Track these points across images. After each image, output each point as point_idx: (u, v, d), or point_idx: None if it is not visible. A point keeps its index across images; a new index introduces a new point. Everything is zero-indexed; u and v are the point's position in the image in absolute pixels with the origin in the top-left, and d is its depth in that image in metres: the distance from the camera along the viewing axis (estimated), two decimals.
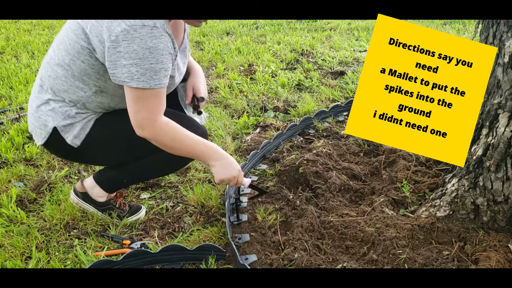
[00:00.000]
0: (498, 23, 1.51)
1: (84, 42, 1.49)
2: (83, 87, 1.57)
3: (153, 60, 1.43)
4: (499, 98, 1.51)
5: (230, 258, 1.66)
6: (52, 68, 1.58)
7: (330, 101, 3.17)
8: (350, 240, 1.69)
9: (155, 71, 1.45)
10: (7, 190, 2.10)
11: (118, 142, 1.67)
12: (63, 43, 1.55)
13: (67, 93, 1.58)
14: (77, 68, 1.53)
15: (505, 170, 1.54)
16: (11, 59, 4.05)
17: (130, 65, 1.42)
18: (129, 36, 1.39)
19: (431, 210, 1.76)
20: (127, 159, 1.75)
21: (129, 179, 1.83)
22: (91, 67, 1.52)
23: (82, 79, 1.55)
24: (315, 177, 2.06)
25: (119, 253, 1.67)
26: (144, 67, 1.42)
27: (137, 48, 1.40)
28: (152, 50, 1.42)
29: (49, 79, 1.60)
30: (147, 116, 1.50)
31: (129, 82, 1.44)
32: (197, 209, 1.97)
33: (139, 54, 1.41)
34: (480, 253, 1.55)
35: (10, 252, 1.70)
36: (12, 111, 2.99)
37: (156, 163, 1.75)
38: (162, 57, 1.45)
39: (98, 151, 1.70)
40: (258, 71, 3.78)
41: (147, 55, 1.42)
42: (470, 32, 5.01)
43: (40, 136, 1.66)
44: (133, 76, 1.43)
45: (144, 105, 1.48)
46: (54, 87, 1.59)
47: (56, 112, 1.61)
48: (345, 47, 4.49)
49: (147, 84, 1.45)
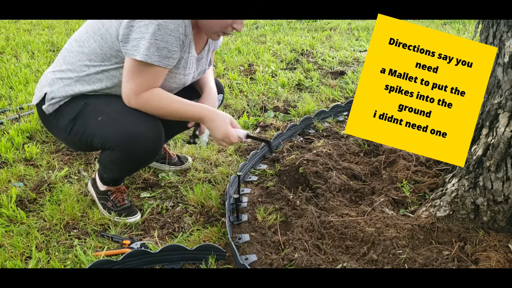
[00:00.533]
0: (498, 23, 1.51)
1: (100, 24, 1.62)
2: (88, 64, 1.67)
3: (159, 37, 1.51)
4: (499, 98, 1.51)
5: (230, 258, 1.66)
6: (70, 42, 1.74)
7: (330, 101, 3.17)
8: (350, 240, 1.69)
9: (157, 48, 1.52)
10: (7, 190, 2.10)
11: (76, 125, 1.71)
12: (86, 23, 1.72)
13: (73, 65, 1.69)
14: (89, 46, 1.65)
15: (505, 170, 1.54)
16: (11, 59, 4.05)
17: (139, 38, 1.51)
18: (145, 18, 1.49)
19: (431, 210, 1.76)
20: (82, 146, 1.78)
21: (107, 173, 1.87)
22: (100, 48, 1.63)
23: (90, 57, 1.66)
24: (315, 177, 2.06)
25: (119, 253, 1.67)
26: (149, 41, 1.50)
27: (148, 23, 1.49)
28: (161, 27, 1.50)
29: (65, 50, 1.74)
30: (134, 88, 1.58)
31: (131, 53, 1.53)
32: (197, 209, 1.97)
33: (149, 28, 1.49)
34: (480, 253, 1.55)
35: (10, 252, 1.70)
36: (12, 111, 2.99)
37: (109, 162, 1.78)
38: (169, 37, 1.53)
39: (61, 126, 1.75)
40: (258, 71, 3.78)
41: (155, 30, 1.49)
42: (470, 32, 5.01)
43: (35, 96, 1.80)
44: (137, 48, 1.51)
45: (134, 77, 1.57)
46: (66, 58, 1.72)
47: (55, 81, 1.72)
48: (345, 47, 4.49)
49: (149, 59, 1.52)
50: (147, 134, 1.65)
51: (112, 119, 1.66)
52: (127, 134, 1.63)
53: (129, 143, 1.64)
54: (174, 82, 1.73)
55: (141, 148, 1.66)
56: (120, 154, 1.68)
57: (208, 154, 2.40)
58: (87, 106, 1.69)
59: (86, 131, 1.69)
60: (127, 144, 1.64)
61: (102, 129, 1.67)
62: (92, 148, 1.76)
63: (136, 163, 1.79)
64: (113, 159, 1.73)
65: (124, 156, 1.68)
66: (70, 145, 1.88)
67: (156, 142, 1.70)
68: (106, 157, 1.76)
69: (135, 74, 1.56)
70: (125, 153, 1.67)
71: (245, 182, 2.16)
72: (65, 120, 1.72)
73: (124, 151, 1.67)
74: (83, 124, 1.69)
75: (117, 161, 1.73)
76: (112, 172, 1.87)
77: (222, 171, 2.23)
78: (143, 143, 1.66)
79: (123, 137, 1.64)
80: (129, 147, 1.65)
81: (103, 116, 1.67)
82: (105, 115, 1.67)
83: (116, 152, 1.68)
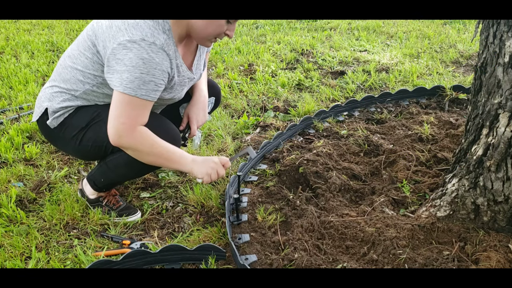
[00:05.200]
0: (498, 23, 1.51)
1: (90, 43, 1.60)
2: (82, 80, 1.67)
3: (145, 71, 1.50)
4: (499, 98, 1.51)
5: (230, 258, 1.66)
6: (64, 58, 1.74)
7: (330, 101, 3.16)
8: (350, 240, 1.69)
9: (143, 81, 1.51)
10: (7, 190, 2.10)
11: (89, 132, 1.71)
12: (78, 39, 1.70)
13: (69, 82, 1.70)
14: (81, 63, 1.65)
15: (506, 170, 1.54)
16: (10, 59, 4.05)
17: (123, 71, 1.49)
18: (128, 46, 1.48)
19: (431, 210, 1.76)
20: (94, 153, 1.77)
21: (106, 177, 1.84)
22: (92, 65, 1.63)
23: (83, 73, 1.66)
24: (315, 177, 2.06)
25: (119, 253, 1.67)
26: (134, 75, 1.49)
27: (132, 56, 1.48)
28: (145, 61, 1.49)
29: (59, 66, 1.75)
30: (128, 122, 1.55)
31: (118, 86, 1.51)
32: (197, 209, 1.97)
33: (132, 62, 1.48)
34: (480, 253, 1.55)
35: (10, 252, 1.70)
36: (12, 111, 2.99)
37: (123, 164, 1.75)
38: (154, 70, 1.52)
39: (69, 136, 1.75)
40: (258, 71, 3.77)
41: (140, 65, 1.48)
42: (470, 32, 5.01)
43: (35, 113, 1.81)
44: (122, 82, 1.50)
45: (125, 111, 1.54)
46: (61, 74, 1.73)
47: (55, 96, 1.73)
48: (345, 47, 4.49)
49: (133, 92, 1.51)
50: (167, 135, 1.67)
51: None
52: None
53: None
54: (169, 100, 1.76)
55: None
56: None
57: (208, 154, 2.39)
58: (99, 114, 1.70)
59: (101, 135, 1.67)
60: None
61: None
62: (106, 152, 1.74)
63: (150, 165, 1.78)
64: (128, 160, 1.69)
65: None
66: (79, 154, 1.85)
67: (173, 142, 1.70)
68: (120, 158, 1.72)
69: (124, 108, 1.53)
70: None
71: (245, 182, 2.16)
72: (74, 130, 1.72)
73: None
74: (97, 130, 1.69)
75: (133, 161, 1.69)
76: (117, 175, 1.83)
77: None
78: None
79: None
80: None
81: None
82: None
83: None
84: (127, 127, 1.55)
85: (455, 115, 2.76)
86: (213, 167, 1.70)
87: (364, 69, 3.81)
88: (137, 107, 1.54)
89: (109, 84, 1.56)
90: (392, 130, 2.58)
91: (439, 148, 2.27)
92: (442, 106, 2.94)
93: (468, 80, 3.40)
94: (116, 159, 1.75)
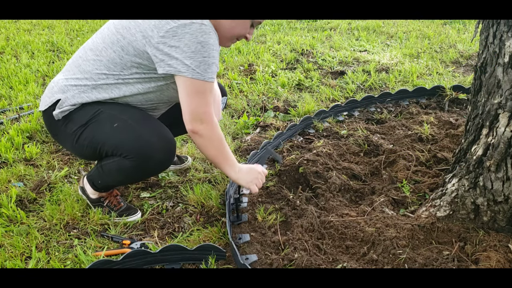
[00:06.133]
0: (498, 23, 1.51)
1: (120, 36, 1.58)
2: (106, 73, 1.64)
3: (206, 54, 1.51)
4: (499, 98, 1.51)
5: (230, 258, 1.66)
6: (85, 51, 1.70)
7: (330, 101, 3.16)
8: (350, 240, 1.69)
9: (208, 64, 1.52)
10: (7, 190, 2.10)
11: (86, 131, 1.68)
12: (101, 33, 1.67)
13: (90, 74, 1.66)
14: (106, 55, 1.62)
15: (505, 170, 1.54)
16: (11, 59, 4.05)
17: (184, 58, 1.49)
18: (179, 32, 1.47)
19: (431, 210, 1.76)
20: (89, 153, 1.75)
21: (102, 180, 1.83)
22: (120, 58, 1.60)
23: (108, 67, 1.63)
24: (315, 177, 2.06)
25: (119, 253, 1.67)
26: (198, 60, 1.50)
27: (188, 42, 1.47)
28: (203, 44, 1.49)
29: (79, 59, 1.70)
30: (208, 111, 1.58)
31: (185, 72, 1.50)
32: (197, 209, 1.97)
33: (191, 47, 1.48)
34: (480, 253, 1.55)
35: (10, 252, 1.70)
36: (12, 111, 2.99)
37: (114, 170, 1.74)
38: (213, 51, 1.53)
39: (69, 132, 1.71)
40: (258, 71, 3.77)
41: (199, 49, 1.49)
42: (470, 32, 5.01)
43: (44, 102, 1.74)
44: (188, 68, 1.50)
45: (202, 99, 1.55)
46: (81, 67, 1.68)
47: (70, 88, 1.68)
48: (345, 47, 4.49)
49: (202, 76, 1.52)
50: (163, 146, 1.66)
51: (130, 127, 1.64)
52: (144, 143, 1.62)
53: (144, 152, 1.63)
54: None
55: (154, 159, 1.66)
56: (132, 163, 1.65)
57: None
58: (100, 113, 1.66)
59: (96, 136, 1.67)
60: (142, 153, 1.63)
61: (118, 136, 1.64)
62: (101, 154, 1.72)
63: (145, 173, 1.78)
64: (122, 166, 1.68)
65: (136, 164, 1.66)
66: (76, 152, 1.82)
67: (169, 154, 1.70)
68: (113, 164, 1.71)
69: (199, 95, 1.55)
70: (138, 162, 1.65)
71: None
72: (75, 126, 1.69)
73: (137, 160, 1.64)
74: (95, 130, 1.66)
75: (126, 169, 1.69)
76: (112, 179, 1.82)
77: None
78: (158, 155, 1.65)
79: (140, 145, 1.62)
80: (143, 157, 1.64)
81: (120, 123, 1.64)
82: (121, 122, 1.64)
83: (128, 160, 1.65)
84: (209, 115, 1.58)
85: (455, 115, 2.77)
86: (257, 177, 1.75)
87: (364, 69, 3.81)
88: (207, 92, 1.56)
89: (167, 71, 1.53)
90: (392, 130, 2.58)
91: (439, 148, 2.27)
92: (442, 106, 2.94)
93: (468, 80, 3.40)
94: (109, 164, 1.73)
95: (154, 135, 1.65)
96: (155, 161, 1.67)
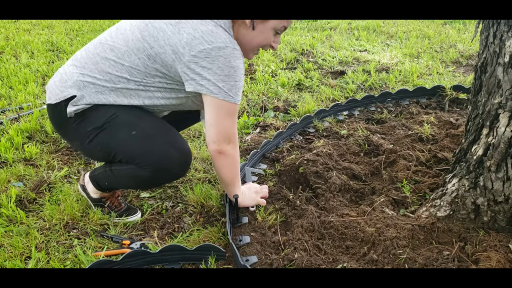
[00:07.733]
0: (498, 23, 1.51)
1: (147, 45, 1.54)
2: (127, 78, 1.59)
3: (237, 78, 1.55)
4: (500, 98, 1.51)
5: (230, 258, 1.66)
6: (103, 48, 1.61)
7: (330, 101, 3.16)
8: (350, 240, 1.69)
9: (238, 88, 1.57)
10: (7, 190, 2.10)
11: (102, 134, 1.63)
12: (124, 35, 1.60)
13: (109, 76, 1.60)
14: (130, 60, 1.57)
15: (506, 170, 1.54)
16: (10, 59, 4.05)
17: (217, 80, 1.52)
18: (213, 54, 1.48)
19: (432, 210, 1.76)
20: (100, 156, 1.74)
21: (110, 183, 1.81)
22: (145, 66, 1.57)
23: (130, 72, 1.59)
24: (315, 177, 2.06)
25: (119, 253, 1.67)
26: (230, 83, 1.54)
27: (222, 66, 1.50)
28: (236, 69, 1.54)
29: (96, 56, 1.62)
30: (236, 132, 1.66)
31: (217, 94, 1.54)
32: (197, 209, 1.97)
33: (224, 71, 1.51)
34: (480, 253, 1.55)
35: (10, 252, 1.70)
36: (12, 111, 2.99)
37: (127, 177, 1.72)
38: (243, 76, 1.59)
39: (82, 132, 1.65)
40: (258, 70, 3.77)
41: (232, 73, 1.53)
42: (470, 32, 5.01)
43: (55, 94, 1.65)
44: (221, 90, 1.54)
45: (232, 121, 1.61)
46: (99, 65, 1.61)
47: (86, 85, 1.61)
48: (345, 47, 4.49)
49: (233, 99, 1.57)
50: (180, 158, 1.66)
51: (148, 137, 1.62)
52: (162, 155, 1.62)
53: (162, 164, 1.63)
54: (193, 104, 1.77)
55: (171, 172, 1.67)
56: (148, 173, 1.64)
57: (208, 154, 2.39)
58: (116, 117, 1.62)
59: (112, 142, 1.63)
60: (159, 165, 1.62)
61: (135, 145, 1.62)
62: (113, 160, 1.69)
63: (158, 183, 1.78)
64: (136, 175, 1.66)
65: (151, 175, 1.64)
66: (84, 151, 1.78)
67: (185, 166, 1.70)
68: (126, 171, 1.68)
69: (230, 116, 1.60)
70: (154, 173, 1.64)
71: (245, 182, 2.15)
72: (89, 127, 1.63)
73: (153, 172, 1.63)
74: (111, 134, 1.62)
75: (140, 177, 1.66)
76: (122, 184, 1.81)
77: None
78: (175, 167, 1.66)
79: (158, 157, 1.62)
80: (160, 169, 1.64)
81: (138, 131, 1.61)
82: (139, 130, 1.62)
83: (144, 169, 1.63)
84: (236, 136, 1.67)
85: (455, 115, 2.76)
86: (257, 190, 1.92)
87: (364, 69, 3.81)
88: (236, 113, 1.62)
89: (197, 89, 1.54)
90: (392, 130, 2.58)
91: (439, 148, 2.27)
92: (442, 106, 2.94)
93: (468, 80, 3.40)
94: (123, 170, 1.69)
95: (172, 147, 1.64)
96: (171, 173, 1.68)
